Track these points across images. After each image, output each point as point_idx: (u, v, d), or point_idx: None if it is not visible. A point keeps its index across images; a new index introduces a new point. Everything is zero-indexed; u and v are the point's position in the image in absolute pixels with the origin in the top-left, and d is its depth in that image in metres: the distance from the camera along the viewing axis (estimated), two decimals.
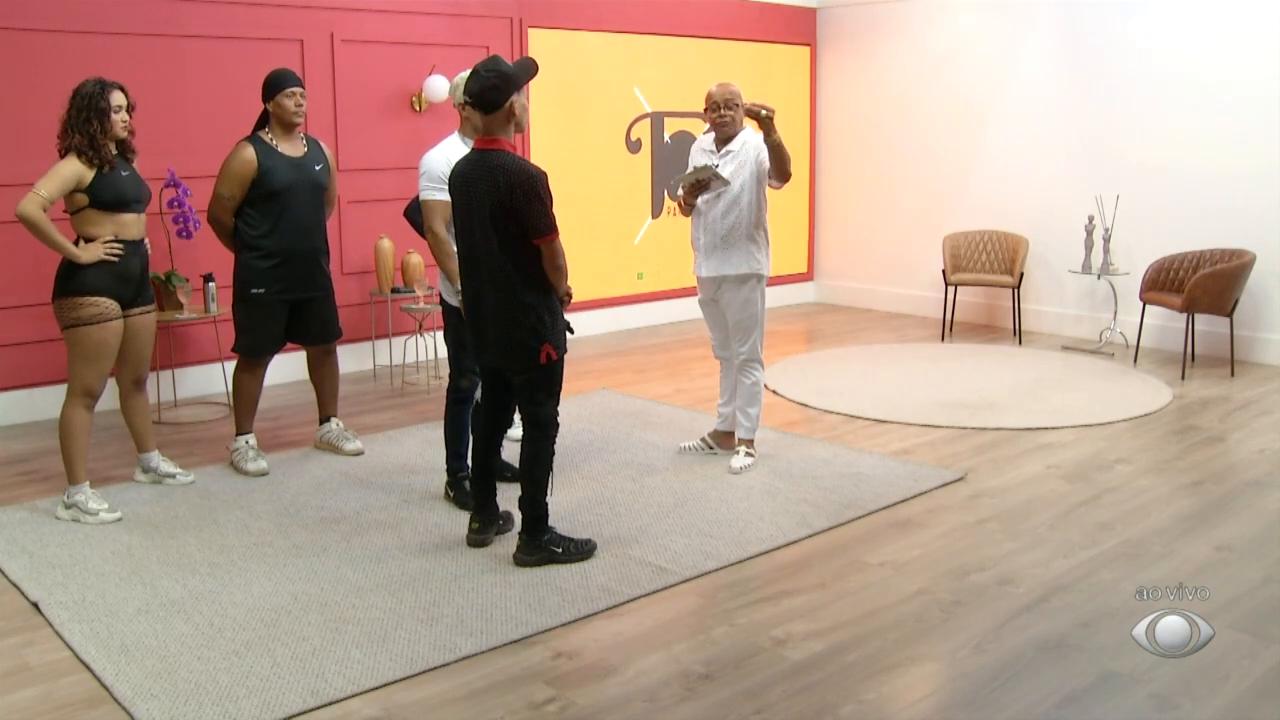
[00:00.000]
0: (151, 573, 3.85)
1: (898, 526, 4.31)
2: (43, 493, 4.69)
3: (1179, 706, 2.97)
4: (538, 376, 3.84)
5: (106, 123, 4.25)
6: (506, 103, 3.68)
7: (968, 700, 3.03)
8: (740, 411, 5.01)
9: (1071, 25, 7.93)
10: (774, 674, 3.15)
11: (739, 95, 4.75)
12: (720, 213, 4.78)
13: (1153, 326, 7.45)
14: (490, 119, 3.71)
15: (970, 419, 5.81)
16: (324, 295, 5.05)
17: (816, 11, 9.49)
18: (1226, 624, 3.40)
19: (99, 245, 4.28)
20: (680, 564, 3.92)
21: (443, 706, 2.98)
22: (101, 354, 4.34)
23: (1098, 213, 7.57)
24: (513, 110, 3.72)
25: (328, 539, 4.18)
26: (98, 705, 3.00)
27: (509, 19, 7.53)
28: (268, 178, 4.74)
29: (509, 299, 3.73)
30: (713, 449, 5.17)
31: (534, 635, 3.38)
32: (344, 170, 6.62)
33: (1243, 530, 4.26)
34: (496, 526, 4.13)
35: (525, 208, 3.63)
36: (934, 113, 8.81)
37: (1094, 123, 7.83)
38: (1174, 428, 5.70)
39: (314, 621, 3.46)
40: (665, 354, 7.59)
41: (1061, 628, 3.43)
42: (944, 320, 8.16)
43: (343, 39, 6.73)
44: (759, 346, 4.93)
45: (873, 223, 9.39)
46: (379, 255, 6.62)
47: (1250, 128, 7.03)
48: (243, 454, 4.96)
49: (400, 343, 7.07)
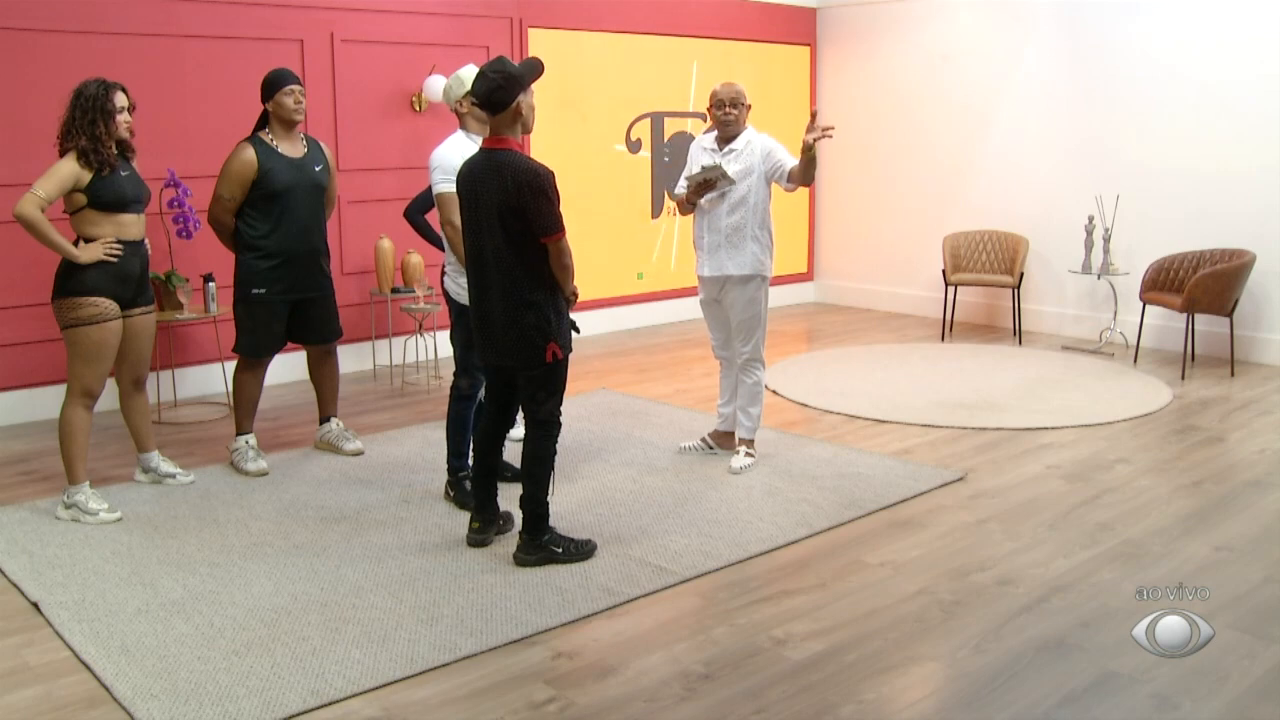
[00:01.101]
0: (151, 573, 3.85)
1: (898, 526, 4.31)
2: (43, 493, 4.69)
3: (1179, 706, 2.97)
4: (542, 375, 3.85)
5: (111, 124, 4.25)
6: (513, 103, 3.70)
7: (968, 700, 3.03)
8: (741, 411, 5.01)
9: (1071, 25, 7.93)
10: (774, 674, 3.15)
11: (744, 95, 4.78)
12: (725, 212, 4.78)
13: (1153, 326, 7.45)
14: (497, 119, 3.73)
15: (970, 419, 5.81)
16: (324, 295, 5.05)
17: (816, 11, 9.49)
18: (1226, 624, 3.40)
19: (98, 245, 4.28)
20: (680, 564, 3.92)
21: (443, 706, 2.98)
22: (101, 354, 4.33)
23: (1098, 213, 7.57)
24: (520, 110, 3.73)
25: (328, 539, 4.18)
26: (98, 705, 3.00)
27: (509, 19, 7.53)
28: (268, 178, 4.74)
29: (515, 297, 3.74)
30: (713, 449, 5.18)
31: (534, 635, 3.38)
32: (344, 170, 6.62)
33: (1243, 530, 4.26)
34: (497, 526, 4.13)
35: (533, 206, 3.65)
36: (934, 113, 8.81)
37: (1094, 123, 7.83)
38: (1174, 428, 5.70)
39: (314, 621, 3.46)
40: (665, 354, 7.59)
41: (1061, 628, 3.43)
42: (944, 320, 8.16)
43: (343, 39, 6.73)
44: (761, 346, 4.93)
45: (873, 223, 9.39)
46: (379, 255, 6.62)
47: (1250, 127, 7.03)
48: (243, 454, 4.96)
49: (400, 343, 7.07)
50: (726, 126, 4.78)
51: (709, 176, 4.64)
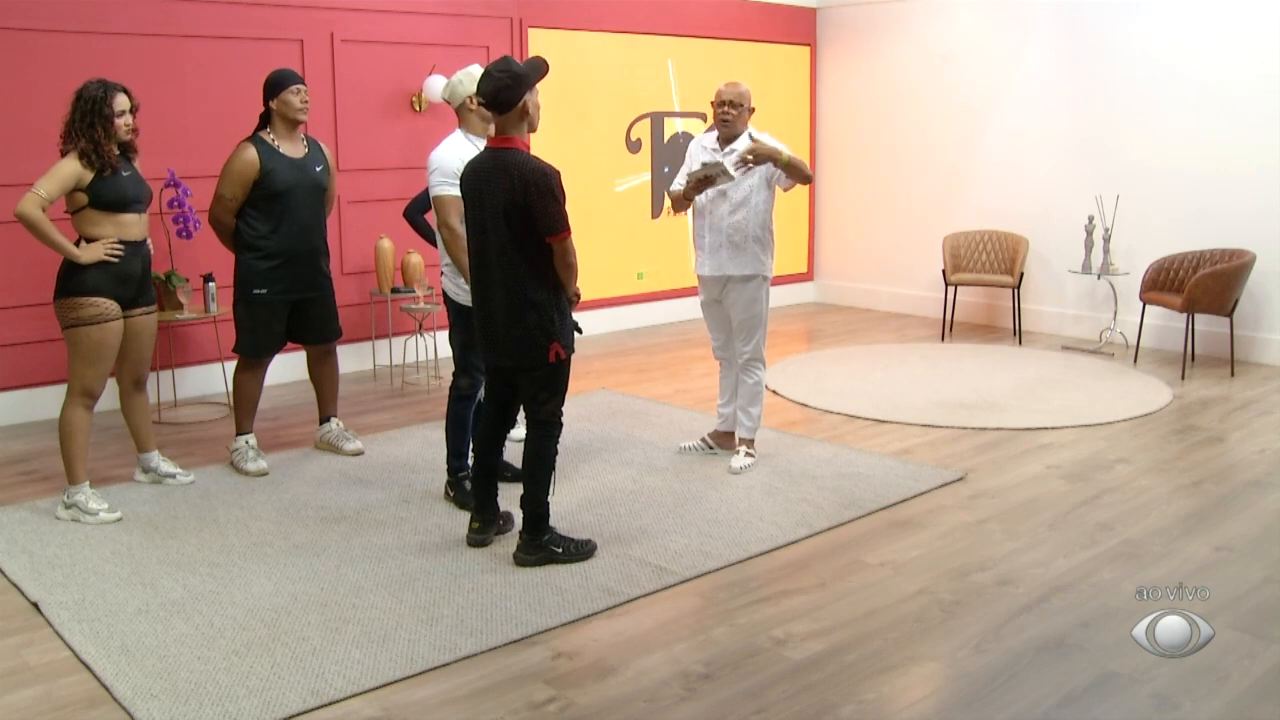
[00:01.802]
0: (151, 573, 3.85)
1: (898, 526, 4.31)
2: (43, 493, 4.69)
3: (1179, 706, 2.97)
4: (544, 375, 3.85)
5: (110, 127, 4.25)
6: (519, 102, 3.71)
7: (968, 700, 3.03)
8: (741, 411, 5.02)
9: (1071, 25, 7.93)
10: (774, 674, 3.15)
11: (748, 96, 4.80)
12: (727, 212, 4.80)
13: (1153, 326, 7.45)
14: (504, 119, 3.75)
15: (970, 419, 5.81)
16: (324, 295, 5.05)
17: (816, 11, 9.49)
18: (1226, 624, 3.40)
19: (100, 246, 4.28)
20: (680, 564, 3.92)
21: (443, 706, 2.98)
22: (101, 354, 4.33)
23: (1098, 213, 7.57)
24: (526, 109, 3.74)
25: (328, 539, 4.18)
26: (98, 705, 3.00)
27: (509, 19, 7.53)
28: (270, 179, 4.74)
29: (519, 297, 3.75)
30: (713, 449, 5.18)
31: (534, 635, 3.38)
32: (344, 170, 6.62)
33: (1243, 530, 4.26)
34: (497, 526, 4.13)
35: (539, 205, 3.65)
36: (934, 113, 8.81)
37: (1094, 123, 7.82)
38: (1174, 428, 5.70)
39: (314, 621, 3.46)
40: (665, 354, 7.59)
41: (1061, 628, 3.43)
42: (944, 320, 8.16)
43: (343, 39, 6.73)
44: (762, 346, 4.94)
45: (873, 223, 9.39)
46: (379, 255, 6.62)
47: (1250, 127, 7.03)
48: (243, 454, 4.96)
49: (400, 343, 7.07)
50: (726, 126, 4.78)
51: (709, 173, 4.63)
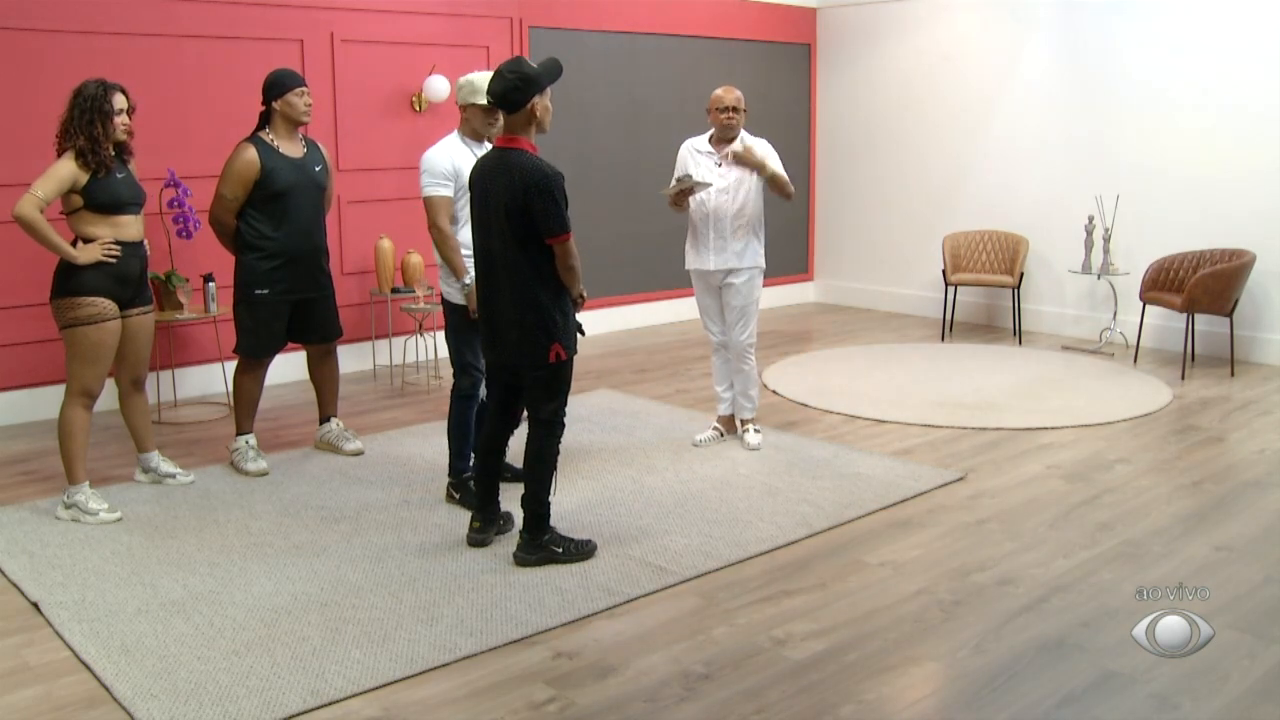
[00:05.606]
0: (151, 573, 3.85)
1: (898, 526, 4.31)
2: (43, 493, 4.69)
3: (1179, 706, 2.97)
4: (546, 375, 3.86)
5: (109, 125, 4.25)
6: (528, 103, 3.71)
7: (968, 700, 3.03)
8: (742, 395, 5.35)
9: (1071, 25, 7.93)
10: (774, 674, 3.15)
11: (742, 100, 5.11)
12: (733, 213, 5.10)
13: (1153, 326, 7.45)
14: (512, 119, 3.76)
15: (970, 419, 5.81)
16: (325, 295, 5.06)
17: (816, 11, 9.49)
18: (1226, 624, 3.40)
19: (96, 246, 4.28)
20: (680, 564, 3.92)
21: (443, 706, 2.98)
22: (99, 354, 4.33)
23: (1098, 213, 7.57)
24: (535, 111, 3.74)
25: (328, 539, 4.18)
26: (98, 705, 3.00)
27: (509, 19, 7.53)
28: (271, 179, 4.74)
29: (522, 297, 3.76)
30: (723, 435, 5.44)
31: (534, 635, 3.38)
32: (344, 170, 6.62)
33: (1243, 530, 4.26)
34: (497, 526, 4.13)
35: (539, 207, 3.66)
36: (934, 113, 8.81)
37: (1094, 123, 7.82)
38: (1174, 428, 5.70)
39: (314, 621, 3.46)
40: (665, 354, 7.59)
41: (1061, 628, 3.43)
42: (944, 320, 8.16)
43: (343, 39, 6.73)
44: (755, 333, 5.32)
45: (873, 223, 9.39)
46: (379, 255, 6.63)
47: (1249, 128, 7.03)
48: (243, 454, 4.96)
49: (400, 343, 7.07)
50: (729, 130, 5.07)
51: (684, 186, 4.98)
